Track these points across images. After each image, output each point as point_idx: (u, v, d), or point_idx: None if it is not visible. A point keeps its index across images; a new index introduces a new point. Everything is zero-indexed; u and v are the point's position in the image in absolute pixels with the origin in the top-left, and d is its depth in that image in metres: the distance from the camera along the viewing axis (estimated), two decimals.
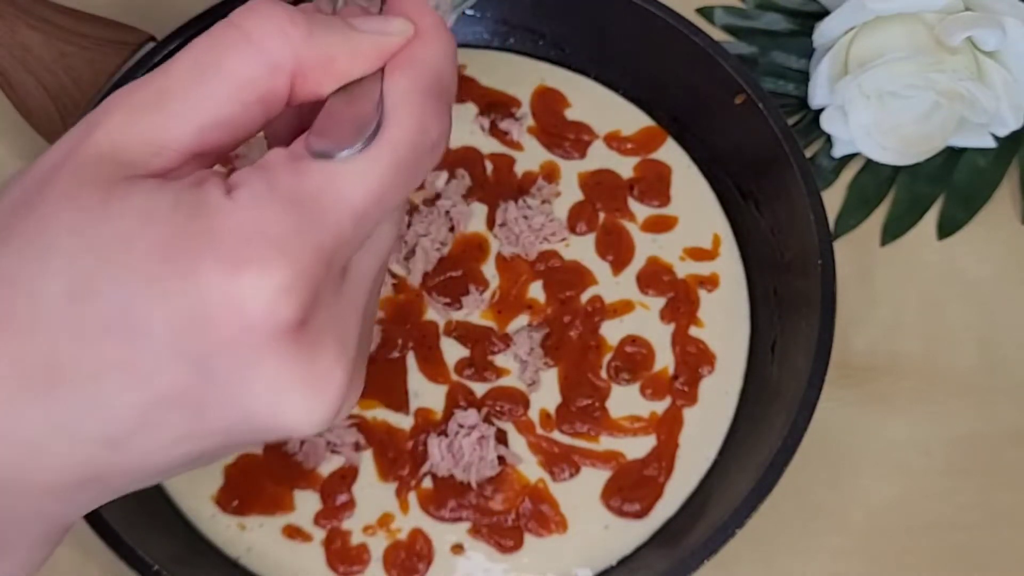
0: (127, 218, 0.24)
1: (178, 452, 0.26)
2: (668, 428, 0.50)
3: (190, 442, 0.25)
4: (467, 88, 0.57)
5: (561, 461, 0.49)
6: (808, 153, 0.57)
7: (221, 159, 0.28)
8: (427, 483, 0.48)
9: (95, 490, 0.26)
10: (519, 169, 0.55)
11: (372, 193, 0.26)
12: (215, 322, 0.23)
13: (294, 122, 0.29)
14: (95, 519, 0.42)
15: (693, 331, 0.52)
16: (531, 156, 0.56)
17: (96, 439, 0.24)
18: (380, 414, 0.49)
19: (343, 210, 0.25)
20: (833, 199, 0.57)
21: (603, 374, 0.51)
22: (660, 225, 0.54)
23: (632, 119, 0.57)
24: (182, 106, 0.25)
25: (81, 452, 0.24)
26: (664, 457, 0.49)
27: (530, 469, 0.49)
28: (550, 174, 0.55)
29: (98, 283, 0.23)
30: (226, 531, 0.48)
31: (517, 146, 0.56)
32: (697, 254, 0.54)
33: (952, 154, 0.57)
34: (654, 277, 0.53)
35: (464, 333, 0.51)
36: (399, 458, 0.49)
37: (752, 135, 0.51)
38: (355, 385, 0.27)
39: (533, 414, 0.50)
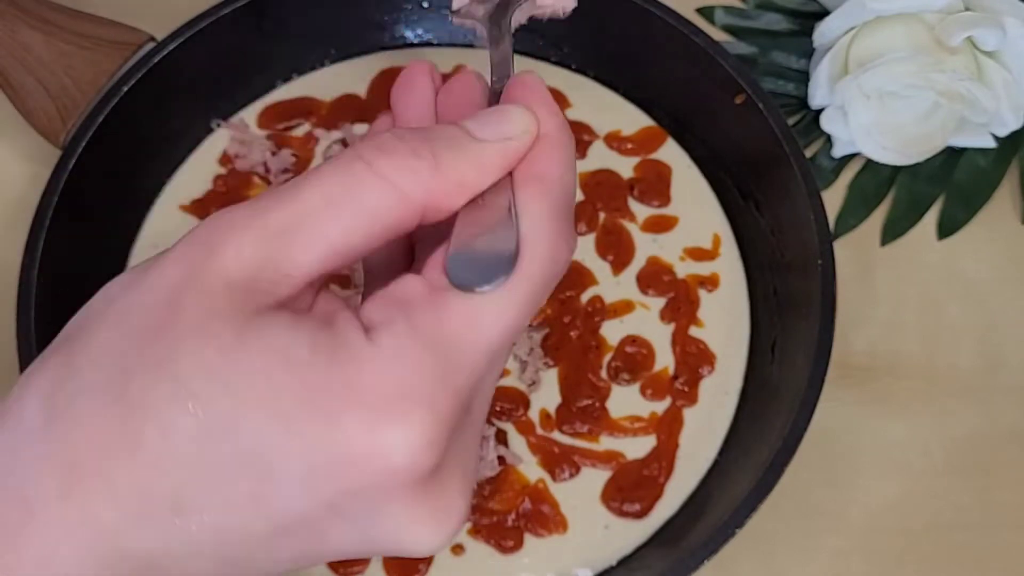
0: (265, 359, 0.23)
1: (289, 567, 0.26)
2: (668, 428, 0.50)
3: (305, 560, 0.26)
4: None
5: (561, 461, 0.49)
6: (808, 153, 0.57)
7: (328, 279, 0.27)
8: None
9: None
10: None
11: (508, 329, 0.25)
12: (354, 470, 0.24)
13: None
14: None
15: (693, 331, 0.52)
16: None
17: (215, 560, 0.24)
18: None
19: (481, 350, 0.25)
20: (833, 199, 0.57)
21: (603, 374, 0.51)
22: (660, 225, 0.54)
23: (632, 119, 0.57)
24: (312, 235, 0.25)
25: (195, 571, 0.24)
26: (664, 457, 0.49)
27: (530, 469, 0.49)
28: None
29: (233, 424, 0.23)
30: None
31: None
32: (697, 254, 0.54)
33: (952, 154, 0.57)
34: (654, 277, 0.53)
35: None
36: None
37: (752, 135, 0.51)
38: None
39: (533, 414, 0.50)
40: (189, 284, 0.24)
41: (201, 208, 0.54)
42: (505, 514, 0.48)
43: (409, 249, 0.31)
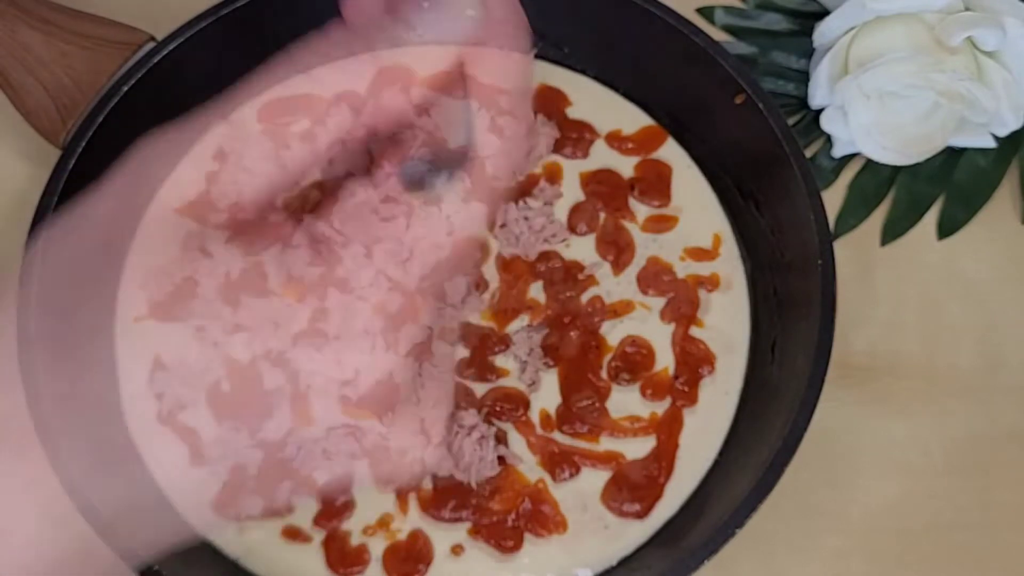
0: (209, 282, 0.23)
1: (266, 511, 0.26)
2: (668, 428, 0.50)
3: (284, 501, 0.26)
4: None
5: (561, 461, 0.49)
6: (808, 153, 0.57)
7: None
8: (427, 484, 0.48)
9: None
10: None
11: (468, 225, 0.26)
12: (326, 392, 0.24)
13: None
14: None
15: (693, 331, 0.52)
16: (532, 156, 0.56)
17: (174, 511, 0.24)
18: None
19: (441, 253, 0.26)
20: (833, 199, 0.57)
21: (603, 374, 0.51)
22: (660, 225, 0.54)
23: (632, 119, 0.57)
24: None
25: (159, 521, 0.25)
26: (664, 457, 0.49)
27: (530, 469, 0.49)
28: (553, 175, 0.55)
29: (185, 356, 0.23)
30: (226, 532, 0.47)
31: None
32: (697, 254, 0.54)
33: (952, 154, 0.57)
34: (654, 277, 0.53)
35: (464, 334, 0.51)
36: None
37: (752, 135, 0.51)
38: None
39: (533, 415, 0.50)
40: (124, 219, 0.24)
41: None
42: (505, 514, 0.48)
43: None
